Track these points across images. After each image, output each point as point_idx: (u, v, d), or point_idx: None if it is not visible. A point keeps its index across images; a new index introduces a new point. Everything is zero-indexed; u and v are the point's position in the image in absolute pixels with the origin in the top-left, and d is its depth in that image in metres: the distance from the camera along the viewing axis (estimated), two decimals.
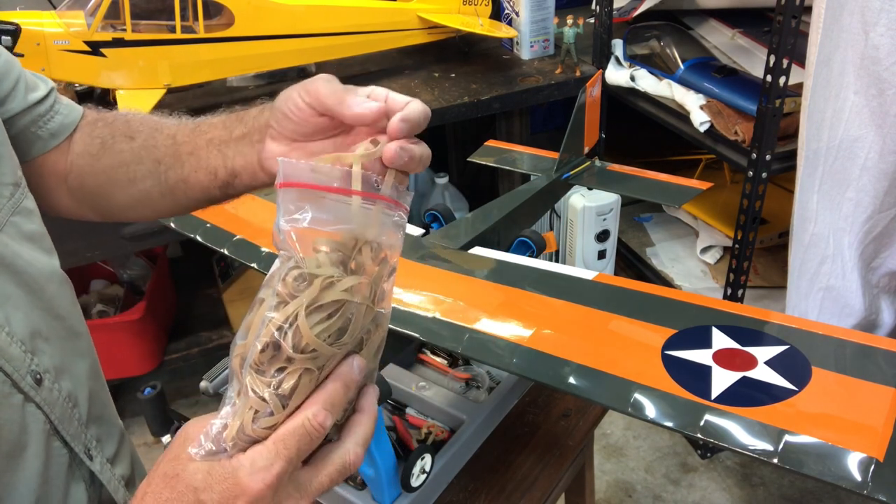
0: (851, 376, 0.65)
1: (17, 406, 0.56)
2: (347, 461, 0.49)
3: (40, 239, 0.64)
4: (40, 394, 0.58)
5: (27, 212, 0.63)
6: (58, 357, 0.62)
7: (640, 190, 1.37)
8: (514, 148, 1.55)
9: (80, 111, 0.75)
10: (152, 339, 1.99)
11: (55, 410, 0.60)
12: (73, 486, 0.62)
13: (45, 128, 0.70)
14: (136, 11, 1.58)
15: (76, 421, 0.63)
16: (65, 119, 0.73)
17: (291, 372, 0.45)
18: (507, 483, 0.97)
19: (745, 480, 1.86)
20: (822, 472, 0.56)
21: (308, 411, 0.46)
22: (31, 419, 0.57)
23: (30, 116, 0.69)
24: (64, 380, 0.62)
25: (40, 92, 0.71)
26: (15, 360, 0.56)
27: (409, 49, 2.14)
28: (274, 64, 1.87)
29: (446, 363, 1.11)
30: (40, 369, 0.59)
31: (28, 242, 0.61)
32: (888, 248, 1.46)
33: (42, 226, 0.66)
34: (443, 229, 1.08)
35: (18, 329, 0.57)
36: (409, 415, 1.04)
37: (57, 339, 0.63)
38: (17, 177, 0.63)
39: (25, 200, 0.63)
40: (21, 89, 0.69)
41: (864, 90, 1.29)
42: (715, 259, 2.16)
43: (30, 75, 0.72)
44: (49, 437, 0.59)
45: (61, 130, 0.72)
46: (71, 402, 0.62)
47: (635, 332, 0.76)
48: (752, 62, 1.83)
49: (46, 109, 0.71)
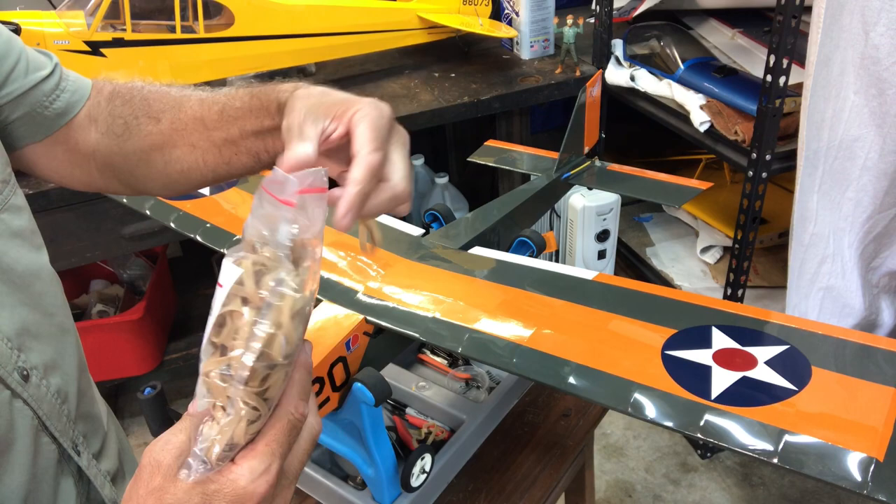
0: (851, 376, 0.65)
1: (3, 402, 0.56)
2: (314, 432, 0.50)
3: (29, 236, 0.64)
4: (27, 390, 0.58)
5: (16, 209, 0.63)
6: (47, 354, 0.62)
7: (640, 190, 1.37)
8: (514, 148, 1.55)
9: (89, 85, 0.73)
10: (152, 339, 1.99)
11: (43, 406, 0.60)
12: (63, 482, 0.63)
13: (51, 108, 0.69)
14: (135, 11, 1.58)
15: (65, 417, 0.63)
16: (71, 97, 0.71)
17: (276, 376, 0.45)
18: (507, 483, 0.97)
19: (745, 480, 1.86)
20: (822, 472, 0.56)
21: (289, 406, 0.47)
22: (19, 415, 0.57)
23: (33, 97, 0.68)
24: (53, 376, 0.62)
25: (45, 70, 0.69)
26: (1, 357, 0.56)
27: (409, 49, 2.15)
28: (274, 64, 1.87)
29: (446, 363, 1.11)
30: (28, 366, 0.59)
31: (16, 239, 0.61)
32: (888, 248, 1.46)
33: (32, 222, 0.65)
34: (443, 229, 1.08)
35: (4, 326, 0.57)
36: (409, 415, 1.04)
37: (46, 336, 0.63)
38: (5, 174, 0.62)
39: (13, 197, 0.62)
40: (21, 69, 0.67)
41: (864, 90, 1.28)
42: (715, 259, 2.16)
43: (33, 53, 0.70)
44: (37, 432, 0.59)
45: (68, 109, 0.70)
46: (60, 398, 0.62)
47: (635, 332, 0.76)
48: (752, 62, 1.83)
49: (52, 88, 0.69)
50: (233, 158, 0.65)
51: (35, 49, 0.71)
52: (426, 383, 1.06)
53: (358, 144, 0.52)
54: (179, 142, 0.67)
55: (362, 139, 0.52)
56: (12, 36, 0.68)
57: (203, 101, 0.67)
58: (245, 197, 1.11)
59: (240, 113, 0.64)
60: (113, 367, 1.94)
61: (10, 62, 0.66)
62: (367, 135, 0.52)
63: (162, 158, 0.69)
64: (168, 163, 0.68)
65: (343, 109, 0.53)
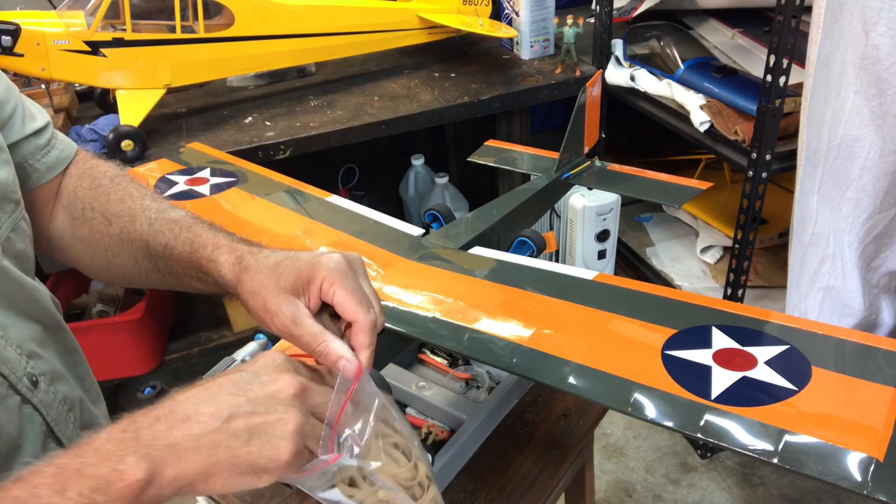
0: (851, 376, 0.65)
1: (14, 407, 0.56)
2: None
3: (24, 260, 0.64)
4: (37, 395, 0.59)
5: (22, 232, 0.63)
6: (54, 363, 0.62)
7: (640, 190, 1.37)
8: (514, 148, 1.55)
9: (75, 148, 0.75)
10: (152, 339, 1.99)
11: (51, 412, 0.60)
12: None
13: (42, 160, 0.70)
14: (135, 11, 1.58)
15: (72, 424, 0.63)
16: (60, 154, 0.72)
17: None
18: (507, 483, 0.97)
19: (745, 480, 1.86)
20: (822, 472, 0.56)
21: None
22: (28, 420, 0.58)
23: (28, 147, 0.68)
24: (60, 384, 0.62)
25: (38, 123, 0.70)
26: (11, 363, 0.56)
27: (409, 49, 2.15)
28: (274, 64, 1.87)
29: (446, 363, 1.11)
30: (36, 372, 0.59)
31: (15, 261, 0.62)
32: (888, 248, 1.46)
33: (30, 248, 0.66)
34: (443, 229, 1.08)
35: (14, 334, 0.58)
36: (409, 415, 1.04)
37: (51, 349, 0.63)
38: (17, 195, 0.63)
39: (21, 221, 0.63)
40: (19, 118, 0.67)
41: (864, 90, 1.28)
42: (715, 259, 2.16)
43: (28, 104, 0.71)
44: (45, 438, 0.60)
45: (57, 164, 0.71)
46: (67, 405, 0.63)
47: (635, 332, 0.76)
48: (752, 62, 1.83)
49: (45, 143, 0.70)
50: (176, 284, 0.67)
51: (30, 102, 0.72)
52: (426, 383, 1.06)
53: (350, 312, 0.55)
54: (124, 253, 0.69)
55: (349, 306, 0.55)
56: (11, 85, 0.69)
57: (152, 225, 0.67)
58: (244, 197, 1.11)
59: (180, 259, 0.65)
60: (113, 367, 1.94)
61: (9, 109, 0.67)
62: (351, 300, 0.55)
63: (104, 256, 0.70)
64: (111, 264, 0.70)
65: (306, 281, 0.55)
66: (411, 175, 2.48)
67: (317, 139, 1.75)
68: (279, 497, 0.96)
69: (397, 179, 2.54)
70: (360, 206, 1.10)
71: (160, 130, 1.79)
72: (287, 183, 1.15)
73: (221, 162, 1.23)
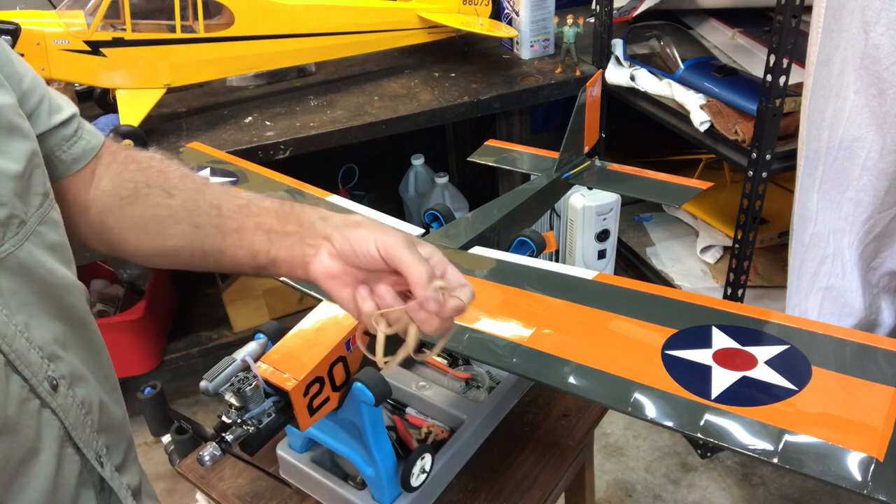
0: (851, 376, 0.65)
1: (33, 411, 0.56)
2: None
3: (62, 250, 0.64)
4: (56, 399, 0.58)
5: (53, 223, 0.63)
6: (74, 364, 0.62)
7: (640, 190, 1.37)
8: (514, 147, 1.55)
9: (102, 138, 0.75)
10: (152, 339, 1.99)
11: (69, 417, 0.60)
12: (83, 493, 0.62)
13: (68, 152, 0.70)
14: (135, 11, 1.58)
15: (88, 428, 0.63)
16: (87, 145, 0.72)
17: None
18: (507, 483, 0.97)
19: (745, 480, 1.86)
20: (822, 471, 0.56)
21: None
22: (46, 424, 0.58)
23: (54, 139, 0.68)
24: (78, 387, 0.62)
25: (64, 114, 0.70)
26: (33, 366, 0.56)
27: (409, 49, 2.15)
28: (274, 64, 1.87)
29: (446, 363, 1.11)
30: (56, 375, 0.59)
31: (51, 252, 0.62)
32: (888, 248, 1.46)
33: (65, 237, 0.65)
34: (443, 229, 1.08)
35: (37, 335, 0.58)
36: (409, 414, 1.04)
37: (74, 348, 0.63)
38: (46, 187, 0.63)
39: (52, 211, 0.63)
40: (45, 109, 0.67)
41: (864, 90, 1.28)
42: (715, 259, 2.16)
43: (55, 96, 0.70)
44: (62, 442, 0.59)
45: (83, 156, 0.71)
46: (84, 408, 0.62)
47: (635, 331, 0.76)
48: (752, 62, 1.83)
49: (71, 133, 0.70)
50: (230, 250, 0.67)
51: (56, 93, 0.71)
52: (426, 383, 1.06)
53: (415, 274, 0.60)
54: (184, 219, 0.69)
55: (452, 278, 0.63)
56: (37, 76, 0.68)
57: (228, 193, 0.70)
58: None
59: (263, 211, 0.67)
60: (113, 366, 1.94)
61: (36, 99, 0.67)
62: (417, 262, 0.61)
63: (158, 229, 0.70)
64: (163, 236, 0.70)
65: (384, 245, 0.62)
66: (411, 175, 2.48)
67: (317, 139, 1.75)
68: (279, 497, 0.96)
69: (397, 179, 2.54)
70: (360, 205, 1.10)
71: (160, 130, 1.79)
72: (287, 183, 1.15)
73: (221, 162, 1.23)
